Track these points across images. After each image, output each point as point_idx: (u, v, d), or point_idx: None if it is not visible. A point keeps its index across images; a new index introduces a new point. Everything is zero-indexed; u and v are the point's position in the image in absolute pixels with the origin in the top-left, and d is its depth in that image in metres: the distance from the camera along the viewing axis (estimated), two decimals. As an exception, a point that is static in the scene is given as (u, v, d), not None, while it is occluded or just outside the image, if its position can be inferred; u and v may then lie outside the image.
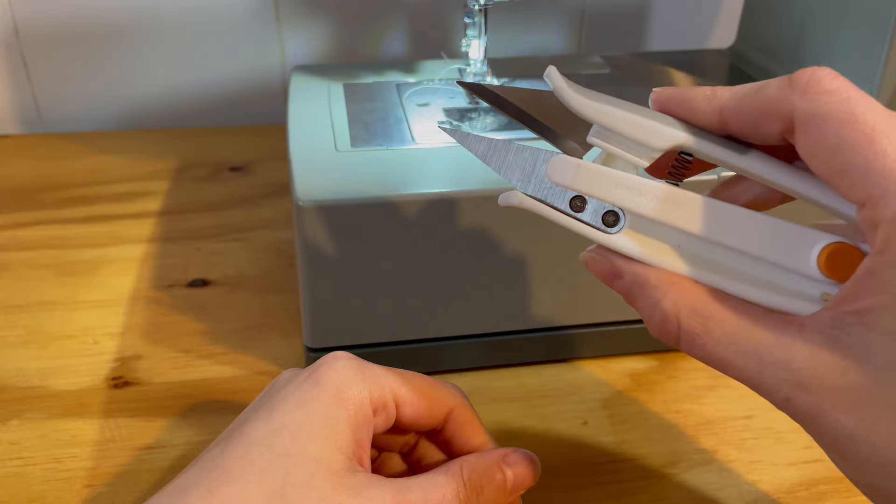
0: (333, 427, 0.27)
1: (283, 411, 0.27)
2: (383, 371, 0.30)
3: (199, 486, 0.26)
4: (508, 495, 0.30)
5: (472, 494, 0.29)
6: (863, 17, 0.45)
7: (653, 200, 0.26)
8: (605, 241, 0.27)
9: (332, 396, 0.28)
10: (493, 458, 0.30)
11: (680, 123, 0.26)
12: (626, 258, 0.27)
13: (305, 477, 0.26)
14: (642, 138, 0.26)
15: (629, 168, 0.27)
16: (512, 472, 0.30)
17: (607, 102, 0.26)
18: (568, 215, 0.27)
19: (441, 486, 0.28)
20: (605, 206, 0.26)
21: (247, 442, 0.27)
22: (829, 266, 0.24)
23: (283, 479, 0.26)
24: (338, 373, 0.29)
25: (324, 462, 0.26)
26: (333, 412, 0.28)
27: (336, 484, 0.26)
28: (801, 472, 0.38)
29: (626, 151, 0.26)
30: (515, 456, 0.30)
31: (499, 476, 0.30)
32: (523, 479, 0.30)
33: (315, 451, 0.27)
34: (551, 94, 0.27)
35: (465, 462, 0.29)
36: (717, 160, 0.27)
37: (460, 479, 0.29)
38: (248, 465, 0.26)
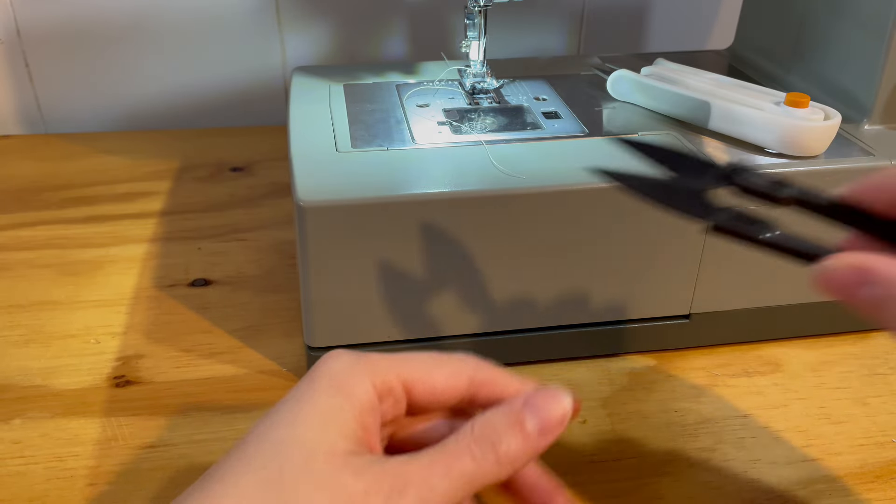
0: (333, 415, 0.26)
1: (281, 409, 0.27)
2: (384, 357, 0.28)
3: (196, 491, 0.25)
4: (537, 442, 0.27)
5: (487, 451, 0.26)
6: (861, 17, 0.45)
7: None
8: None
9: (329, 387, 0.27)
10: (511, 406, 0.27)
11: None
12: (878, 260, 0.24)
13: (303, 462, 0.25)
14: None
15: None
16: (534, 417, 0.27)
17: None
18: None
19: (449, 450, 0.26)
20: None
21: (243, 441, 0.26)
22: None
23: (278, 469, 0.25)
24: (333, 364, 0.28)
25: (323, 447, 0.25)
26: (332, 402, 0.26)
27: (337, 466, 0.25)
28: (800, 470, 0.38)
29: None
30: (538, 398, 0.27)
31: (517, 424, 0.26)
32: (549, 422, 0.27)
33: (313, 437, 0.25)
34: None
35: (477, 419, 0.27)
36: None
37: (470, 437, 0.26)
38: (243, 460, 0.25)
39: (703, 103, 0.44)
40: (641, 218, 0.40)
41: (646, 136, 0.28)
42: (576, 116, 0.47)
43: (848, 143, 0.44)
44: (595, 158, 0.42)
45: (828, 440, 0.40)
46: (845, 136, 0.44)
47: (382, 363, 0.28)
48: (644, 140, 0.30)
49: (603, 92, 0.50)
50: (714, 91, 0.45)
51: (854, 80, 0.46)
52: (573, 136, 0.45)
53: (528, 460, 0.26)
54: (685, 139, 0.44)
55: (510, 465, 0.26)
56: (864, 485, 0.37)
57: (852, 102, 0.46)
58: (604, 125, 0.46)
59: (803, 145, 0.41)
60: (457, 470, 0.25)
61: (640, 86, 0.48)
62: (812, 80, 0.50)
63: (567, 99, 0.49)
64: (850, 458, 0.39)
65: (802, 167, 0.41)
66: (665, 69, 0.49)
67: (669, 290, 0.43)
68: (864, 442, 0.39)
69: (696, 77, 0.47)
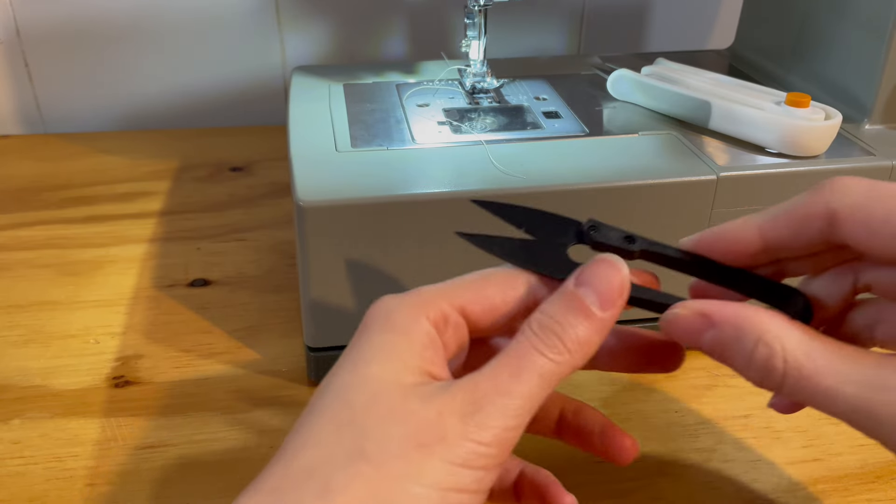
0: (391, 352, 0.25)
1: (342, 361, 0.26)
2: (432, 288, 0.27)
3: (281, 452, 0.25)
4: (602, 317, 0.26)
5: (554, 342, 0.25)
6: (861, 18, 0.45)
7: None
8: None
9: (383, 328, 0.26)
10: (564, 290, 0.26)
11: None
12: (716, 304, 0.26)
13: (370, 398, 0.24)
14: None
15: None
16: (590, 292, 0.26)
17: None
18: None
19: (514, 353, 0.25)
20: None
21: (313, 398, 0.26)
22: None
23: (348, 409, 0.24)
24: (383, 307, 0.27)
25: (386, 382, 0.25)
26: (387, 339, 0.26)
27: (405, 396, 0.24)
28: (800, 471, 0.38)
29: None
30: (588, 272, 0.26)
31: (575, 306, 0.25)
32: (609, 293, 0.26)
33: (375, 374, 0.25)
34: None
35: (533, 315, 0.26)
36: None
37: (530, 333, 0.25)
38: (314, 412, 0.25)
39: (703, 103, 0.44)
40: (642, 218, 0.40)
41: (499, 200, 0.30)
42: (576, 116, 0.47)
43: (849, 142, 0.44)
44: (595, 158, 0.42)
45: (828, 440, 0.39)
46: (846, 135, 0.44)
47: (430, 294, 0.27)
48: (498, 202, 0.30)
49: (603, 92, 0.50)
50: (715, 91, 0.45)
51: (855, 80, 0.46)
52: (573, 135, 0.44)
53: (599, 341, 0.26)
54: (685, 139, 0.44)
55: (581, 351, 0.25)
56: (865, 485, 0.37)
57: (853, 102, 0.46)
58: (604, 125, 0.46)
59: (804, 145, 0.41)
60: (527, 368, 0.24)
61: (641, 85, 0.47)
62: (813, 79, 0.50)
63: (567, 99, 0.49)
64: (851, 458, 0.39)
65: (803, 167, 0.41)
66: (665, 69, 0.49)
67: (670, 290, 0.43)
68: (864, 442, 0.39)
69: (697, 77, 0.47)
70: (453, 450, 0.23)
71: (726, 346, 0.25)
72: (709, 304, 0.26)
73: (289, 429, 0.26)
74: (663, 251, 0.28)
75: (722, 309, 0.26)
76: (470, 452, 0.23)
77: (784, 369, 0.24)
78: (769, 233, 0.27)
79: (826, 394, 0.24)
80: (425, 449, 0.23)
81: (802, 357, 0.24)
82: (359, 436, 0.24)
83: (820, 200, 0.26)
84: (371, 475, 0.23)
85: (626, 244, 0.28)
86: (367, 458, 0.23)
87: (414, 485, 0.23)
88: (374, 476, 0.23)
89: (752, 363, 0.25)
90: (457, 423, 0.24)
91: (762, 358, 0.25)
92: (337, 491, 0.23)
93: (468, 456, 0.23)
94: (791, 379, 0.24)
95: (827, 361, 0.24)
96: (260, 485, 0.24)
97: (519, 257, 0.28)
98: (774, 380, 0.25)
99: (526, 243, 0.29)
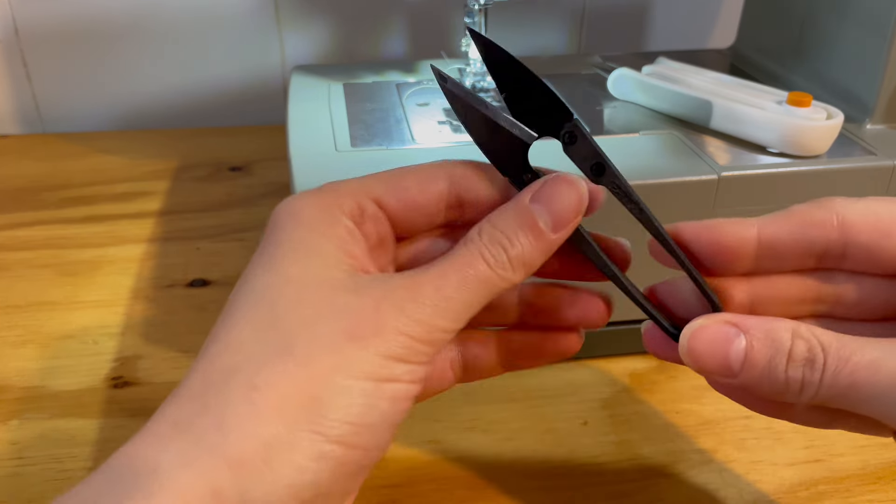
0: (311, 249, 0.24)
1: (255, 262, 0.25)
2: (343, 182, 0.26)
3: (200, 356, 0.24)
4: (551, 237, 0.25)
5: (499, 254, 0.24)
6: (863, 17, 0.45)
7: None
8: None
9: (297, 225, 0.25)
10: (518, 203, 0.25)
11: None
12: (741, 315, 0.26)
13: (294, 296, 0.23)
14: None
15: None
16: (545, 211, 0.25)
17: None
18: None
19: (460, 257, 0.24)
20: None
21: (229, 299, 0.24)
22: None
23: (269, 309, 0.23)
24: (289, 205, 0.25)
25: (310, 278, 0.23)
26: (304, 236, 0.24)
27: (333, 289, 0.23)
28: (802, 472, 0.38)
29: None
30: (546, 189, 0.25)
31: (527, 222, 0.24)
32: (563, 214, 0.25)
33: (298, 272, 0.24)
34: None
35: (484, 222, 0.25)
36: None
37: (479, 241, 0.24)
38: (232, 314, 0.24)
39: (704, 102, 0.44)
40: (643, 218, 0.40)
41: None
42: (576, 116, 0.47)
43: (850, 142, 0.44)
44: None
45: (830, 441, 0.39)
46: (847, 135, 0.44)
47: (342, 186, 0.26)
48: (493, 41, 0.27)
49: (604, 91, 0.49)
50: (716, 90, 0.45)
51: (856, 80, 0.46)
52: (574, 135, 0.44)
53: (543, 260, 0.25)
54: (686, 138, 0.43)
55: (524, 268, 0.25)
56: (867, 486, 0.37)
57: (855, 102, 0.46)
58: (605, 124, 0.46)
59: (805, 145, 0.41)
60: (471, 277, 0.24)
61: (642, 85, 0.47)
62: (814, 79, 0.49)
63: (568, 98, 0.49)
64: (853, 459, 0.39)
65: (804, 167, 0.41)
66: (666, 68, 0.49)
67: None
68: (865, 443, 0.39)
69: (698, 76, 0.47)
70: (388, 343, 0.23)
71: (758, 354, 0.25)
72: (732, 315, 0.26)
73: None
74: (622, 199, 0.27)
75: (746, 318, 0.25)
76: (404, 347, 0.23)
77: (825, 359, 0.24)
78: (768, 233, 0.27)
79: (869, 370, 0.23)
80: (359, 341, 0.23)
81: (836, 342, 0.24)
82: (285, 334, 0.23)
83: (827, 208, 0.26)
84: (298, 371, 0.22)
85: (593, 174, 0.27)
86: (294, 354, 0.22)
87: (345, 377, 0.22)
88: (301, 371, 0.22)
89: (792, 361, 0.24)
90: (394, 317, 0.23)
91: (802, 351, 0.24)
92: (263, 388, 0.22)
93: (402, 351, 0.23)
94: (831, 368, 0.24)
95: (858, 344, 0.24)
96: (181, 391, 0.23)
97: (480, 135, 0.27)
98: (814, 374, 0.24)
99: (491, 121, 0.26)
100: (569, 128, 0.27)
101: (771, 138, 0.42)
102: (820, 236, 0.26)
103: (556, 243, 0.25)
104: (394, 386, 0.23)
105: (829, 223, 0.26)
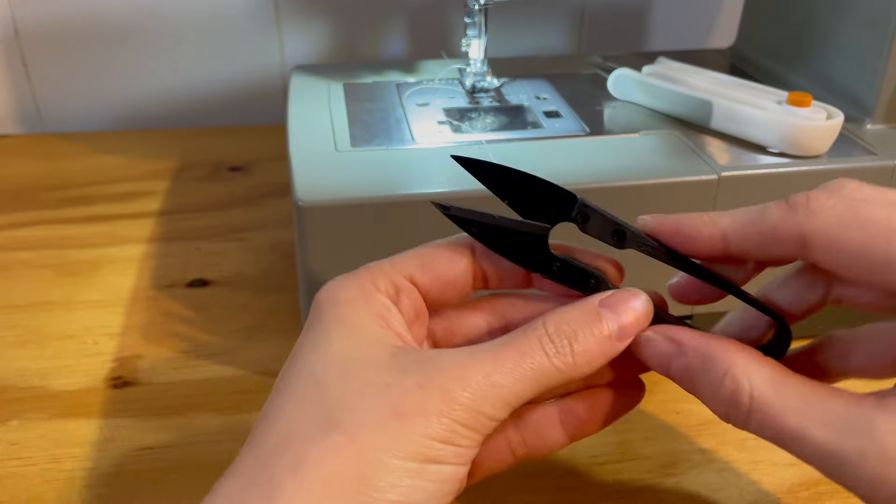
0: (352, 326, 0.25)
1: (300, 347, 0.26)
2: (377, 263, 0.27)
3: (252, 437, 0.24)
4: (614, 345, 0.25)
5: (563, 347, 0.24)
6: (863, 17, 0.45)
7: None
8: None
9: (335, 304, 0.26)
10: (588, 305, 0.26)
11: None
12: (688, 332, 0.26)
13: (338, 372, 0.24)
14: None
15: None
16: (613, 318, 0.25)
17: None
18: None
19: (518, 344, 0.24)
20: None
21: (277, 381, 0.25)
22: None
23: (315, 384, 0.23)
24: (330, 288, 0.26)
25: (354, 355, 0.24)
26: (346, 314, 0.25)
27: (377, 367, 0.24)
28: (802, 472, 0.38)
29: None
30: (615, 299, 0.26)
31: (595, 323, 0.25)
32: (628, 327, 0.26)
33: (342, 349, 0.24)
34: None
35: (549, 315, 0.25)
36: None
37: (543, 331, 0.24)
38: (279, 394, 0.24)
39: (704, 102, 0.44)
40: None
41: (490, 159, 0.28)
42: (577, 116, 0.47)
43: (850, 142, 0.44)
44: (596, 158, 0.41)
45: (830, 441, 0.39)
46: (848, 135, 0.44)
47: (376, 266, 0.27)
48: (479, 159, 0.28)
49: (604, 91, 0.49)
50: (716, 90, 0.45)
51: (857, 80, 0.46)
52: (574, 135, 0.44)
53: (601, 363, 0.25)
54: (686, 138, 0.43)
55: (586, 366, 0.25)
56: (867, 486, 0.37)
57: (855, 102, 0.46)
58: (605, 124, 0.46)
59: (805, 145, 0.41)
60: (527, 366, 0.24)
61: (642, 85, 0.47)
62: (814, 79, 0.49)
63: (568, 98, 0.49)
64: (853, 459, 0.38)
65: (805, 167, 0.41)
66: (666, 68, 0.49)
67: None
68: (866, 443, 0.39)
69: (698, 76, 0.47)
70: (432, 425, 0.23)
71: (694, 375, 0.25)
72: (679, 331, 0.26)
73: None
74: (653, 254, 0.28)
75: (692, 338, 0.25)
76: (448, 430, 0.23)
77: (750, 406, 0.24)
78: (734, 242, 0.26)
79: (793, 435, 0.23)
80: (403, 420, 0.22)
81: (771, 395, 0.23)
82: (332, 408, 0.23)
83: (793, 222, 0.24)
84: (345, 446, 0.22)
85: (615, 242, 0.27)
86: (342, 428, 0.22)
87: (391, 456, 0.22)
88: (348, 446, 0.22)
89: (718, 396, 0.24)
90: (439, 399, 0.23)
91: (728, 392, 0.24)
92: (310, 463, 0.22)
93: (446, 433, 0.23)
94: (757, 416, 0.24)
95: (796, 401, 0.23)
96: (232, 469, 0.23)
97: (498, 244, 0.27)
98: (740, 415, 0.24)
99: (504, 230, 0.27)
100: (578, 209, 0.27)
101: (771, 138, 0.42)
102: (786, 254, 0.25)
103: (617, 351, 0.26)
104: (440, 467, 0.23)
105: (794, 242, 0.25)
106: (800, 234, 0.24)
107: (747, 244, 0.26)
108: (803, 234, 0.24)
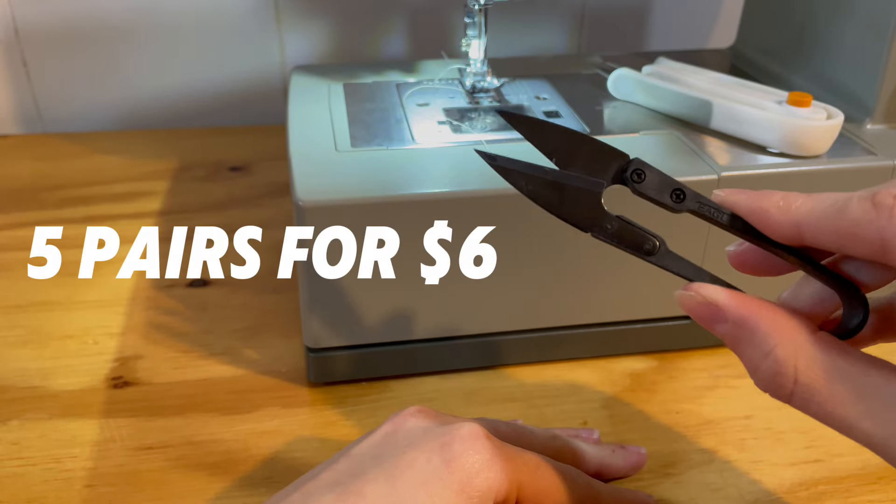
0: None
1: (407, 484, 0.26)
2: (515, 463, 0.28)
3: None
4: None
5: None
6: (863, 17, 0.45)
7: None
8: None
9: (461, 484, 0.26)
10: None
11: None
12: (730, 298, 0.24)
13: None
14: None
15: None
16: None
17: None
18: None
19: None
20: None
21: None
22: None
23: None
24: (472, 457, 0.27)
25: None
26: (455, 500, 0.26)
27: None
28: (802, 472, 0.38)
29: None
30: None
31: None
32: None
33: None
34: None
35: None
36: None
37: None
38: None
39: (704, 102, 0.44)
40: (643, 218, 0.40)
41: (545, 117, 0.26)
42: (577, 116, 0.47)
43: (850, 142, 0.44)
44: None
45: (830, 441, 0.39)
46: (848, 135, 0.44)
47: (512, 468, 0.27)
48: (526, 115, 0.27)
49: (604, 91, 0.49)
50: (716, 90, 0.45)
51: (857, 80, 0.46)
52: (574, 135, 0.44)
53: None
54: (686, 138, 0.43)
55: None
56: (867, 486, 0.37)
57: (855, 102, 0.46)
58: (605, 124, 0.46)
59: (806, 145, 0.41)
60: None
61: (642, 85, 0.47)
62: (814, 79, 0.49)
63: (568, 98, 0.49)
64: (853, 459, 0.39)
65: (805, 167, 0.41)
66: (666, 68, 0.49)
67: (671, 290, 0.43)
68: (866, 443, 0.39)
69: (698, 76, 0.47)
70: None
71: (735, 345, 0.24)
72: (724, 294, 0.24)
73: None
74: (714, 216, 0.26)
75: (739, 305, 0.24)
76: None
77: (793, 390, 0.23)
78: (809, 235, 0.24)
79: (840, 424, 0.22)
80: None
81: (818, 382, 0.22)
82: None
83: (873, 226, 0.22)
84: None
85: (674, 202, 0.26)
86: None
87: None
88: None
89: (758, 373, 0.23)
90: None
91: (770, 373, 0.23)
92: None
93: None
94: (800, 400, 0.23)
95: (845, 391, 0.22)
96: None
97: (548, 200, 0.26)
98: (781, 395, 0.23)
99: (556, 182, 0.26)
100: (634, 166, 0.26)
101: (771, 138, 0.42)
102: (863, 254, 0.23)
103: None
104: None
105: (874, 246, 0.22)
106: (880, 239, 0.22)
107: (823, 238, 0.24)
108: (884, 241, 0.22)
